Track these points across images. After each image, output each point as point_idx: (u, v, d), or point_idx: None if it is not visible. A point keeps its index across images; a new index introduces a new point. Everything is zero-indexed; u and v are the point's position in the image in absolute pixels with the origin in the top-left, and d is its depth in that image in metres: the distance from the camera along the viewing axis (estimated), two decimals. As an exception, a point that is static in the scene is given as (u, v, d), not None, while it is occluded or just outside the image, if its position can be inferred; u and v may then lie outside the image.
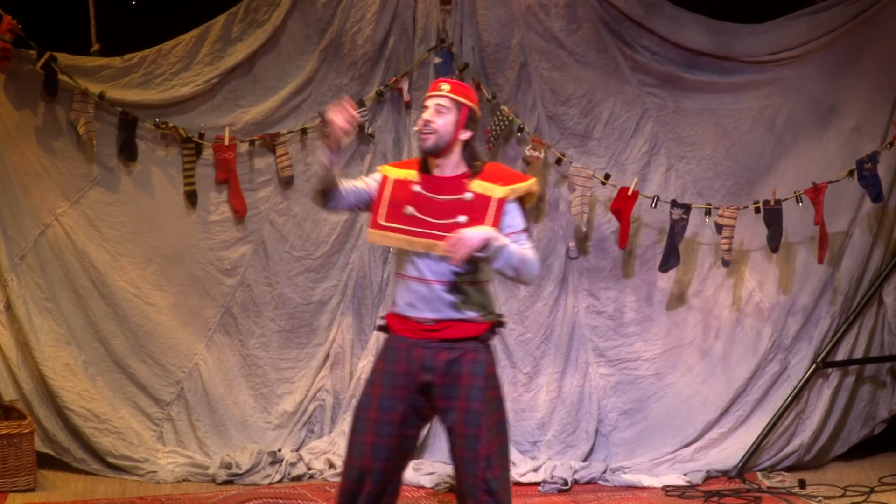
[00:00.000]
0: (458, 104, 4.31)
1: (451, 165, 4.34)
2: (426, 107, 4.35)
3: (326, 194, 4.39)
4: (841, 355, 6.94)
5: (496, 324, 4.35)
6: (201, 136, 6.77)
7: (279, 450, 6.73)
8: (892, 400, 7.09)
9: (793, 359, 6.95)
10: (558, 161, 6.88)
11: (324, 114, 6.66)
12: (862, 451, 7.08)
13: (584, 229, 6.90)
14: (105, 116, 6.67)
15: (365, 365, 6.90)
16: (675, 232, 6.79)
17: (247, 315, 6.91)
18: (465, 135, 4.33)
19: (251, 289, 6.91)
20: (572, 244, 6.99)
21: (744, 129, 6.98)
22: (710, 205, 6.81)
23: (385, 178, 4.41)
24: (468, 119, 4.32)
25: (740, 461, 6.75)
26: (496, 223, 4.22)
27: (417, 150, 4.51)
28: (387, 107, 7.01)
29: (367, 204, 4.43)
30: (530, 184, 4.36)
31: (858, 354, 6.98)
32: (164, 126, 6.71)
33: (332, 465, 6.64)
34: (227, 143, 6.76)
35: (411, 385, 4.28)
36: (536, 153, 6.83)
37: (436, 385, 4.27)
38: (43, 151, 6.64)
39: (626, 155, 6.94)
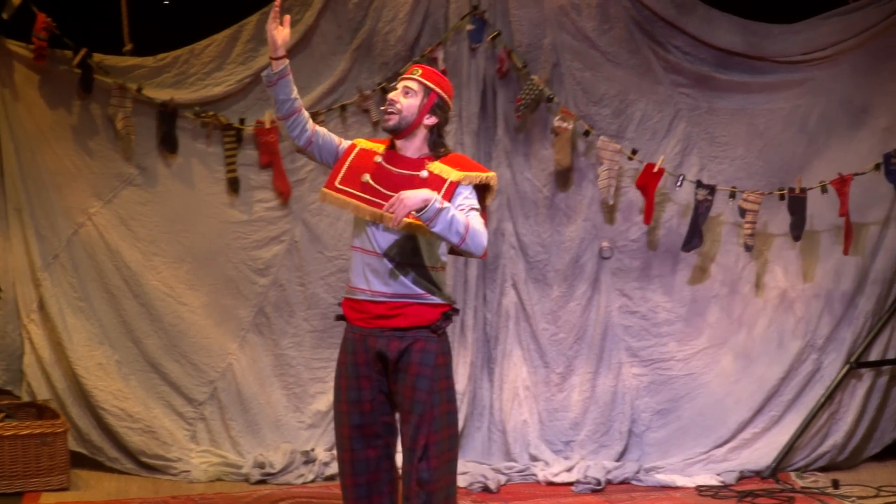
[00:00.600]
0: (427, 89, 4.34)
1: (414, 148, 4.36)
2: (395, 87, 4.38)
3: (284, 106, 4.34)
4: (874, 355, 6.93)
5: (449, 311, 4.33)
6: (242, 121, 6.79)
7: (312, 449, 6.73)
8: (925, 400, 7.07)
9: (826, 359, 6.93)
10: (586, 133, 6.88)
11: (361, 88, 6.72)
12: (895, 451, 7.05)
13: (610, 202, 6.89)
14: (140, 114, 6.68)
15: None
16: (699, 213, 6.80)
17: (280, 315, 6.91)
18: (430, 120, 4.34)
19: (284, 288, 6.90)
20: (605, 244, 6.99)
21: (776, 129, 6.99)
22: (734, 188, 6.81)
23: (353, 146, 4.44)
24: (435, 105, 4.34)
25: (773, 461, 6.74)
26: (448, 197, 4.20)
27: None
28: None
29: (331, 157, 4.43)
30: (488, 176, 4.37)
31: (892, 355, 6.96)
32: (204, 115, 6.72)
33: (364, 465, 6.62)
34: (268, 126, 6.76)
35: (373, 373, 4.30)
36: (565, 124, 6.83)
37: (389, 371, 4.30)
38: (76, 151, 6.66)
39: (658, 155, 6.93)
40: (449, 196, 4.21)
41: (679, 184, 6.84)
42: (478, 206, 4.29)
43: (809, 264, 6.96)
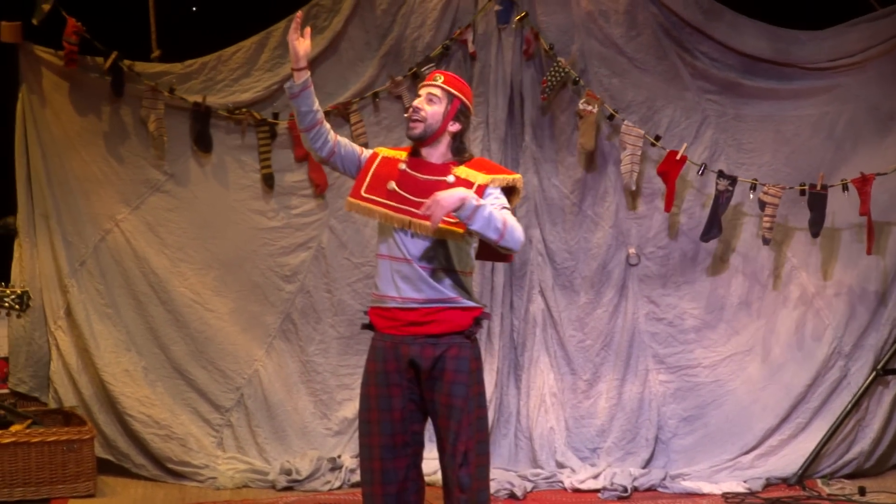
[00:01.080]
0: (451, 96, 4.33)
1: (439, 154, 4.35)
2: (419, 95, 4.36)
3: (306, 118, 4.32)
4: (901, 363, 6.92)
5: (480, 316, 4.33)
6: (275, 115, 6.79)
7: (339, 456, 6.73)
8: (950, 407, 7.04)
9: (853, 366, 6.91)
10: (611, 117, 6.87)
11: (393, 75, 6.68)
12: (921, 458, 7.06)
13: (632, 188, 6.88)
14: (170, 118, 6.70)
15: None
16: (720, 203, 6.79)
17: (306, 321, 6.91)
18: (454, 127, 4.34)
19: (311, 295, 6.91)
20: (632, 250, 6.98)
21: (803, 136, 6.96)
22: (755, 180, 6.79)
23: (375, 154, 4.42)
24: (459, 112, 4.33)
25: (800, 468, 6.71)
26: None
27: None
28: (453, 60, 6.96)
29: (354, 167, 4.41)
30: (514, 178, 4.37)
31: (918, 362, 6.95)
32: (238, 112, 6.72)
33: (391, 472, 6.62)
34: None
35: (404, 381, 4.28)
36: (590, 107, 6.82)
37: (423, 379, 4.27)
38: (103, 158, 6.69)
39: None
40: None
41: (700, 172, 6.83)
42: (508, 206, 4.30)
43: (836, 270, 6.94)
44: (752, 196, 6.80)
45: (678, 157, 6.78)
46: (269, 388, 6.83)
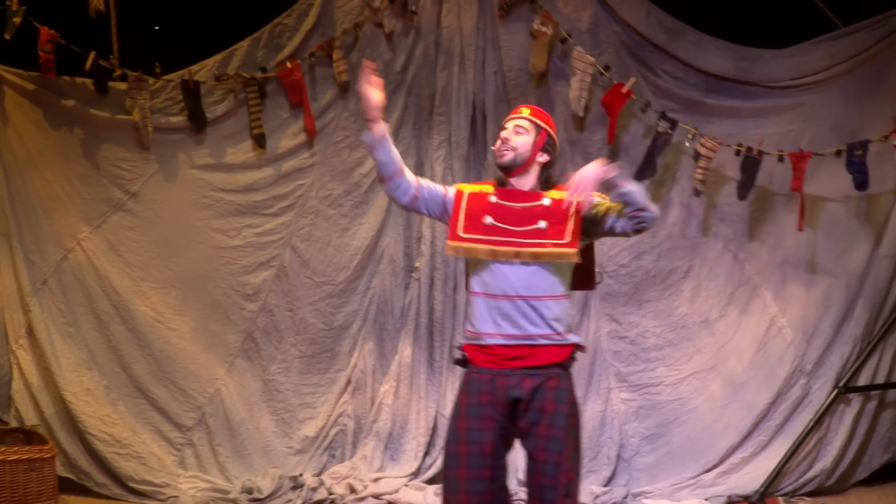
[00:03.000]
0: (538, 127, 4.37)
1: (528, 185, 4.37)
2: (505, 128, 4.39)
3: (385, 169, 4.33)
4: (863, 380, 6.91)
5: (577, 348, 4.33)
6: (263, 70, 6.80)
7: (300, 475, 6.73)
8: (914, 425, 7.07)
9: (815, 384, 6.92)
10: (563, 41, 6.86)
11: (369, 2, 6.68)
12: (884, 476, 7.04)
13: (580, 114, 6.88)
14: (129, 139, 6.73)
15: (387, 390, 6.92)
16: (657, 145, 6.82)
17: (268, 340, 6.92)
18: (543, 157, 4.37)
19: (273, 314, 6.91)
20: (595, 269, 6.96)
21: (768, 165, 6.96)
22: (695, 129, 6.78)
23: (460, 192, 4.42)
24: (546, 143, 4.37)
25: (762, 486, 6.73)
26: (577, 219, 4.24)
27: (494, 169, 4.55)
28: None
29: (439, 208, 4.41)
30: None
31: (880, 380, 6.94)
32: (225, 77, 6.73)
33: (353, 490, 6.63)
34: (289, 66, 6.77)
35: (497, 414, 4.26)
36: (544, 28, 6.82)
37: (520, 410, 4.26)
38: (66, 177, 6.67)
39: (648, 179, 6.93)
40: (578, 214, 4.24)
41: (643, 110, 6.84)
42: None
43: (799, 290, 6.95)
44: (687, 145, 6.80)
45: (623, 91, 6.77)
46: (231, 407, 6.84)
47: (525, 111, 4.42)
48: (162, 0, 6.84)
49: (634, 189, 4.16)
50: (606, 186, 4.12)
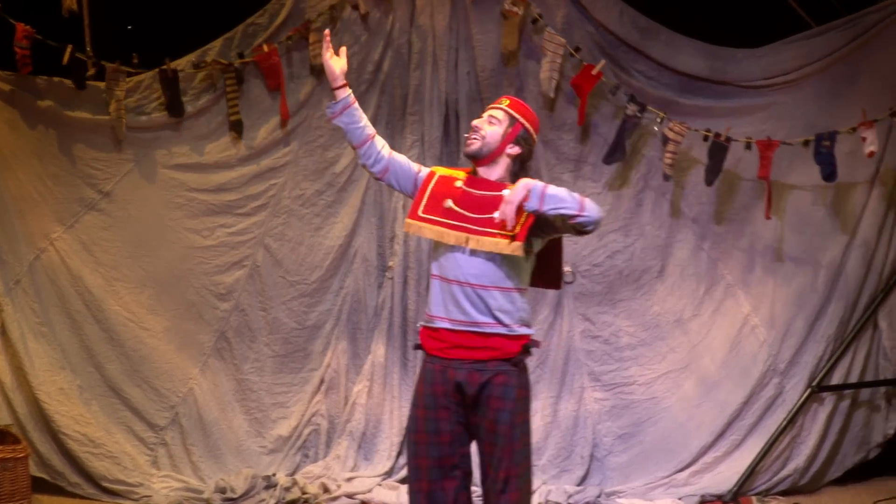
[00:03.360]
0: (513, 119, 4.39)
1: (496, 175, 4.38)
2: (481, 116, 4.41)
3: (354, 134, 4.40)
4: (836, 380, 6.92)
5: (529, 343, 4.34)
6: (241, 55, 6.81)
7: (274, 474, 6.74)
8: (886, 424, 7.04)
9: (788, 383, 6.93)
10: (534, 21, 6.86)
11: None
12: (857, 475, 7.06)
13: (551, 95, 6.88)
14: (106, 135, 6.73)
15: (360, 389, 6.92)
16: (626, 128, 6.82)
17: (241, 340, 6.92)
18: (514, 150, 4.37)
19: (246, 313, 6.91)
20: (567, 268, 6.98)
21: (739, 153, 6.96)
22: (664, 114, 6.78)
23: (432, 174, 4.46)
24: (520, 136, 4.38)
25: (735, 485, 6.74)
26: (531, 216, 4.22)
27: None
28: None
29: (410, 185, 4.46)
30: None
31: (853, 379, 6.95)
32: (203, 64, 6.74)
33: (326, 490, 6.64)
34: (266, 50, 6.78)
35: (451, 404, 4.31)
36: (515, 8, 6.83)
37: (468, 404, 4.30)
38: (38, 177, 6.66)
39: (620, 180, 6.94)
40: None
41: (612, 92, 6.84)
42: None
43: (771, 289, 6.96)
44: (656, 129, 6.80)
45: (594, 73, 6.78)
46: (204, 407, 6.84)
47: (504, 102, 4.45)
48: (135, 0, 6.82)
49: (564, 204, 4.13)
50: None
